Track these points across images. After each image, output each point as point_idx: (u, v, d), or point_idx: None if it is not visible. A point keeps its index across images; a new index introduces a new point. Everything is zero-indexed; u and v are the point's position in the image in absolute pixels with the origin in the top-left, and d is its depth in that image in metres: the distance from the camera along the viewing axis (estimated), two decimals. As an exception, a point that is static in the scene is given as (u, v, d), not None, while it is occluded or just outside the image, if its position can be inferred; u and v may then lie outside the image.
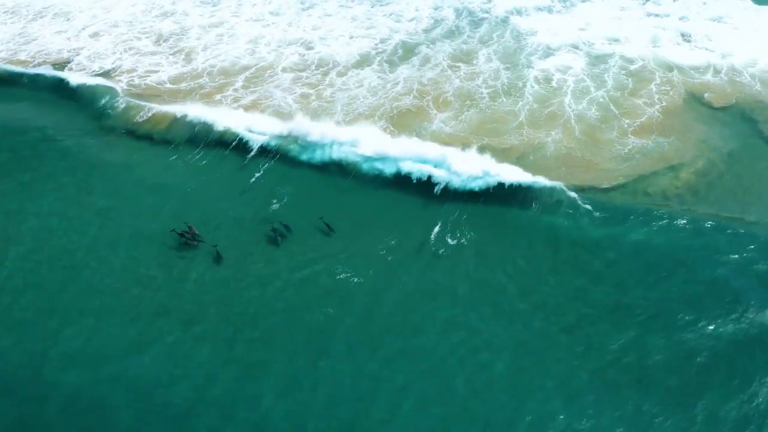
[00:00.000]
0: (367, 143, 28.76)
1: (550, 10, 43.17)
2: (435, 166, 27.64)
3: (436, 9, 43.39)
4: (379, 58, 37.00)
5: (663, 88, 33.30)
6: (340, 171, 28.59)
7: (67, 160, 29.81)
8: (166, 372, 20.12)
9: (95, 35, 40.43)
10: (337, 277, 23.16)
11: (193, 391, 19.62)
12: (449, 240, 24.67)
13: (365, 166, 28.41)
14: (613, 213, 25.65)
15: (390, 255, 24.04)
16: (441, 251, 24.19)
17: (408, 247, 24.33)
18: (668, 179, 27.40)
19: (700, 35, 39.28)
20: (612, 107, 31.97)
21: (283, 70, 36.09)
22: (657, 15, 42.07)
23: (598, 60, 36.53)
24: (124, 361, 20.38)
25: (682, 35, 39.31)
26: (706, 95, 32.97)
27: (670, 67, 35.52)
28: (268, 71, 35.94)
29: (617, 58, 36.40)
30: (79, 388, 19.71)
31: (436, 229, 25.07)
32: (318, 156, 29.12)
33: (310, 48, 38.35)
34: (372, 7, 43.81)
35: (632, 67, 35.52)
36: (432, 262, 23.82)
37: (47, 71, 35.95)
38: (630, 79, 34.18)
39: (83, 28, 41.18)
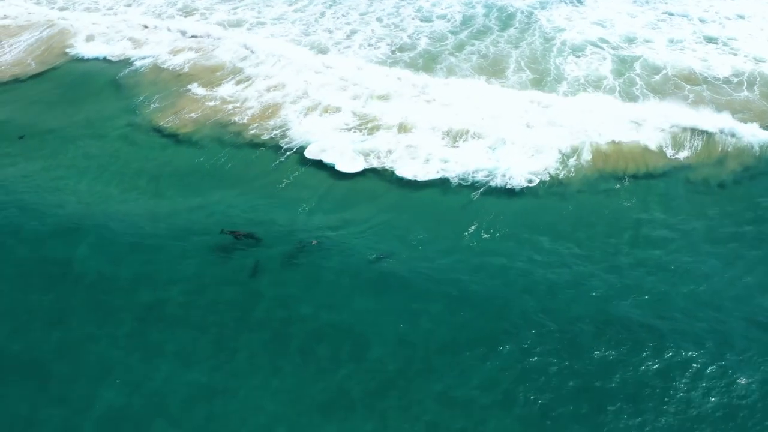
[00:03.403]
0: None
1: (566, 2, 42.93)
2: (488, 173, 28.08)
3: (466, 5, 42.94)
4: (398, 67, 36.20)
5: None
6: (376, 175, 28.47)
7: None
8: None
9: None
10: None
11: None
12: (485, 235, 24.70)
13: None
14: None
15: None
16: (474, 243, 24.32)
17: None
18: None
19: (723, 36, 38.50)
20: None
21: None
22: (671, 14, 41.39)
23: (623, 65, 36.05)
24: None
25: (705, 37, 38.51)
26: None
27: (696, 78, 34.78)
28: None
29: (639, 67, 35.77)
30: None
31: (472, 227, 25.03)
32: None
33: (323, 52, 37.84)
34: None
35: (656, 78, 34.90)
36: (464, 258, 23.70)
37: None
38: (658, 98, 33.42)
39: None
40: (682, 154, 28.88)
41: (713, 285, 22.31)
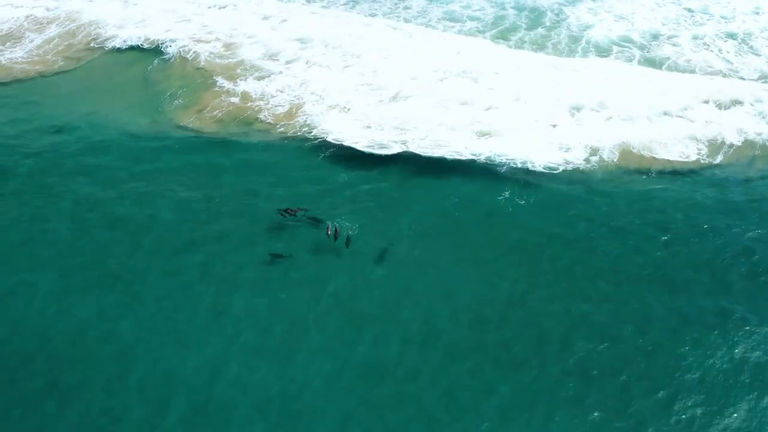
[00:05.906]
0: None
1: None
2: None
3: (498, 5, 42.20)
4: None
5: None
6: (408, 159, 28.85)
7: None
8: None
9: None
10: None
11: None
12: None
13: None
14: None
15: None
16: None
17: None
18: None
19: (743, 33, 38.28)
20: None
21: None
22: (692, 10, 40.92)
23: (651, 67, 35.64)
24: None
25: (727, 34, 38.21)
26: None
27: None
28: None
29: (668, 70, 35.31)
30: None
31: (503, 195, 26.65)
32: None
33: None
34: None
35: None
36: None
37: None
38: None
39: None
40: (718, 159, 29.11)
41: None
